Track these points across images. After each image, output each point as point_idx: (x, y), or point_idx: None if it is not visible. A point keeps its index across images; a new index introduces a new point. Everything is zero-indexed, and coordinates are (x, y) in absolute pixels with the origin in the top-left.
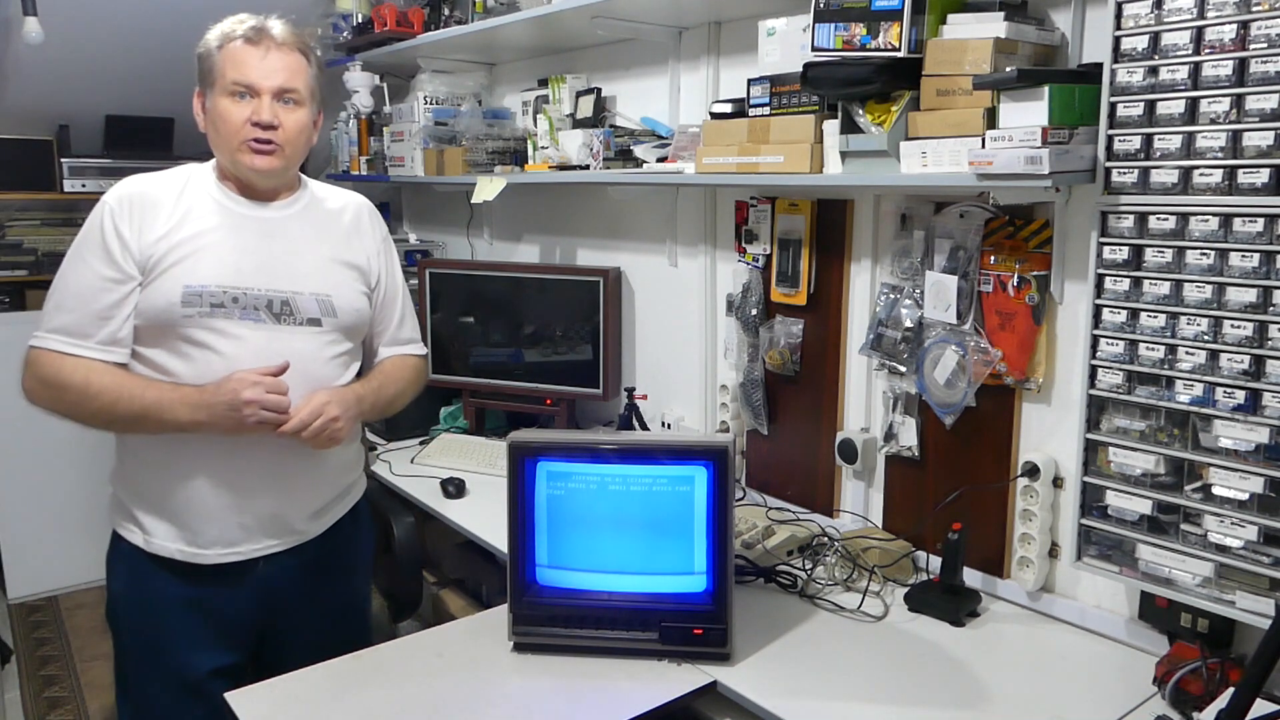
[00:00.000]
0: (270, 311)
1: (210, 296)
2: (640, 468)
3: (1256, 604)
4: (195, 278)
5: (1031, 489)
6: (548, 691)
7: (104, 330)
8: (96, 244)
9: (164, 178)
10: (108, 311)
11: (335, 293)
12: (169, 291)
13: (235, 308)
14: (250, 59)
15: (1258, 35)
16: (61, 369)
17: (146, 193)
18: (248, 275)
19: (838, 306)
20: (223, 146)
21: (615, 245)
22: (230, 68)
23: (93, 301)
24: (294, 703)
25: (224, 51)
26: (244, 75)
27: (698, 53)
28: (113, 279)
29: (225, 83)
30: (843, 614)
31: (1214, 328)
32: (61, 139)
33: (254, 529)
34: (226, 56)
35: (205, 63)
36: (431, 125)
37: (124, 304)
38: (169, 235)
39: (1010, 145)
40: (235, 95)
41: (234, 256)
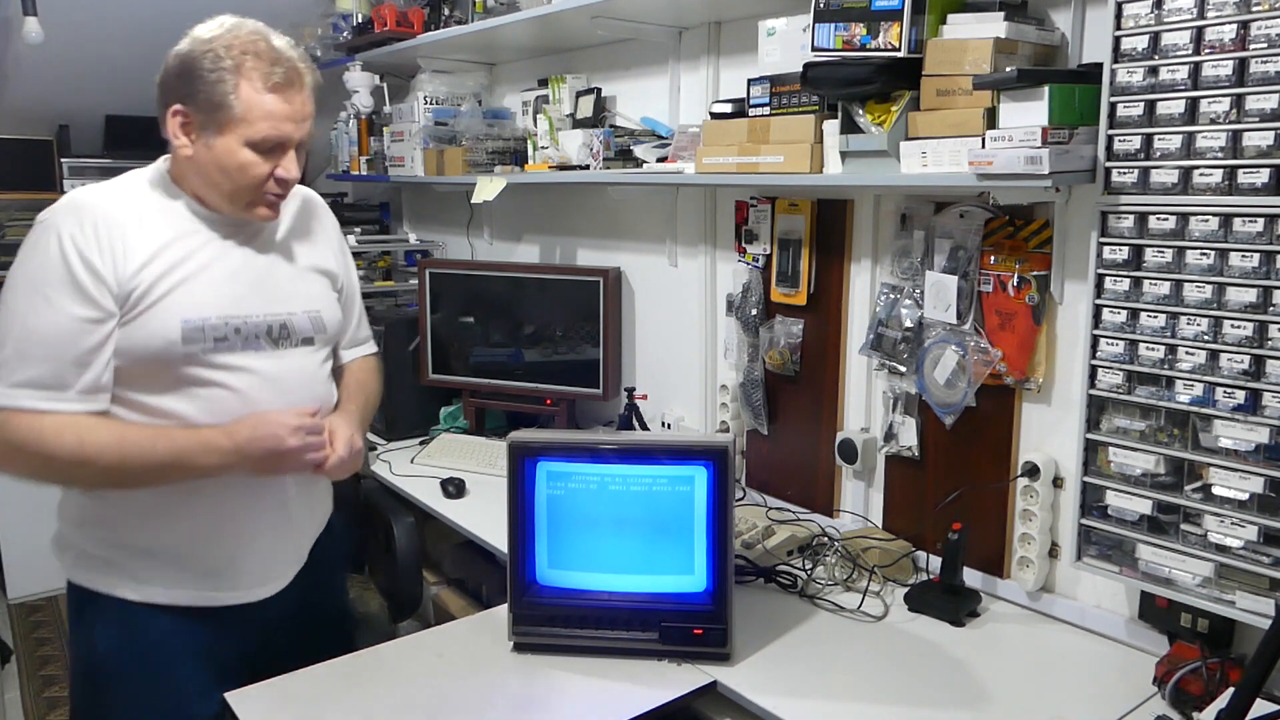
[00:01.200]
0: (270, 338)
1: (213, 330)
2: (640, 468)
3: (1256, 604)
4: (193, 310)
5: (1031, 489)
6: (548, 691)
7: (84, 378)
8: (62, 279)
9: (117, 193)
10: (87, 356)
11: (323, 307)
12: (164, 328)
13: (238, 339)
14: (284, 109)
15: (1258, 35)
16: (42, 432)
17: (108, 212)
18: (245, 302)
19: (838, 306)
20: (227, 194)
21: (615, 245)
22: (262, 119)
23: (68, 347)
24: (294, 703)
25: (252, 95)
26: (280, 130)
27: (698, 53)
28: (90, 319)
29: (252, 134)
30: (843, 614)
31: (1214, 328)
32: (61, 139)
33: (270, 565)
34: (255, 103)
35: (213, 93)
36: (431, 125)
37: (105, 346)
38: (152, 262)
39: (1010, 145)
40: (262, 150)
41: (228, 282)
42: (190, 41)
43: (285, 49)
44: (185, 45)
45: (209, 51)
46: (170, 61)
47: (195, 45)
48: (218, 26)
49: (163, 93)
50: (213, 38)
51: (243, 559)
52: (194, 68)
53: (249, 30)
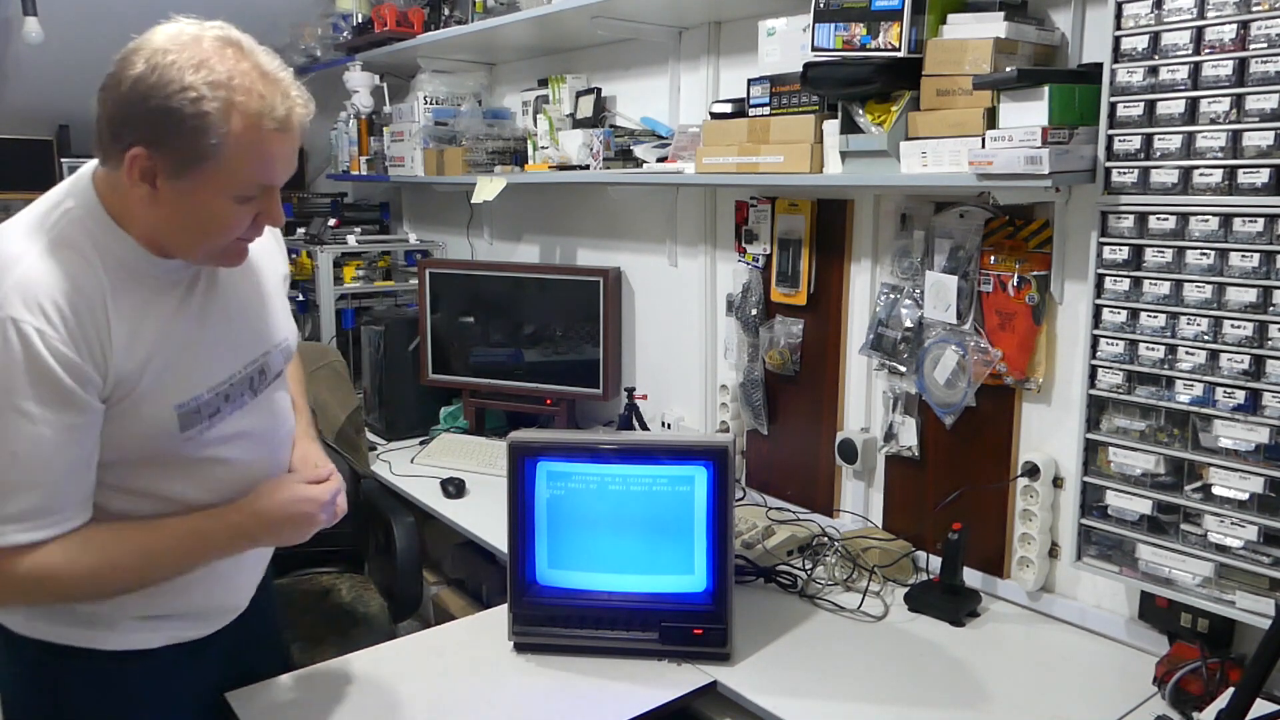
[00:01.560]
0: (251, 389)
1: (206, 407)
2: (640, 468)
3: (1256, 604)
4: (184, 392)
5: (1031, 489)
6: (548, 691)
7: (79, 490)
8: (39, 386)
9: (66, 256)
10: (79, 467)
11: (290, 331)
12: (157, 417)
13: (228, 405)
14: (280, 152)
15: (1258, 35)
16: (51, 567)
17: (69, 290)
18: (227, 361)
19: (838, 306)
20: (193, 246)
21: (615, 245)
22: (255, 168)
23: (59, 463)
24: (294, 703)
25: (241, 145)
26: (271, 176)
27: (698, 53)
28: (79, 425)
29: (239, 187)
30: (843, 614)
31: (1214, 328)
32: (61, 139)
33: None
34: (247, 152)
35: (193, 143)
36: (431, 125)
37: (95, 448)
38: (133, 344)
39: (1010, 145)
40: (247, 199)
41: (210, 347)
42: (155, 68)
43: (278, 72)
44: (146, 70)
45: (187, 89)
46: (127, 90)
47: (166, 78)
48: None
49: (114, 125)
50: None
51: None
52: (167, 109)
53: (232, 53)
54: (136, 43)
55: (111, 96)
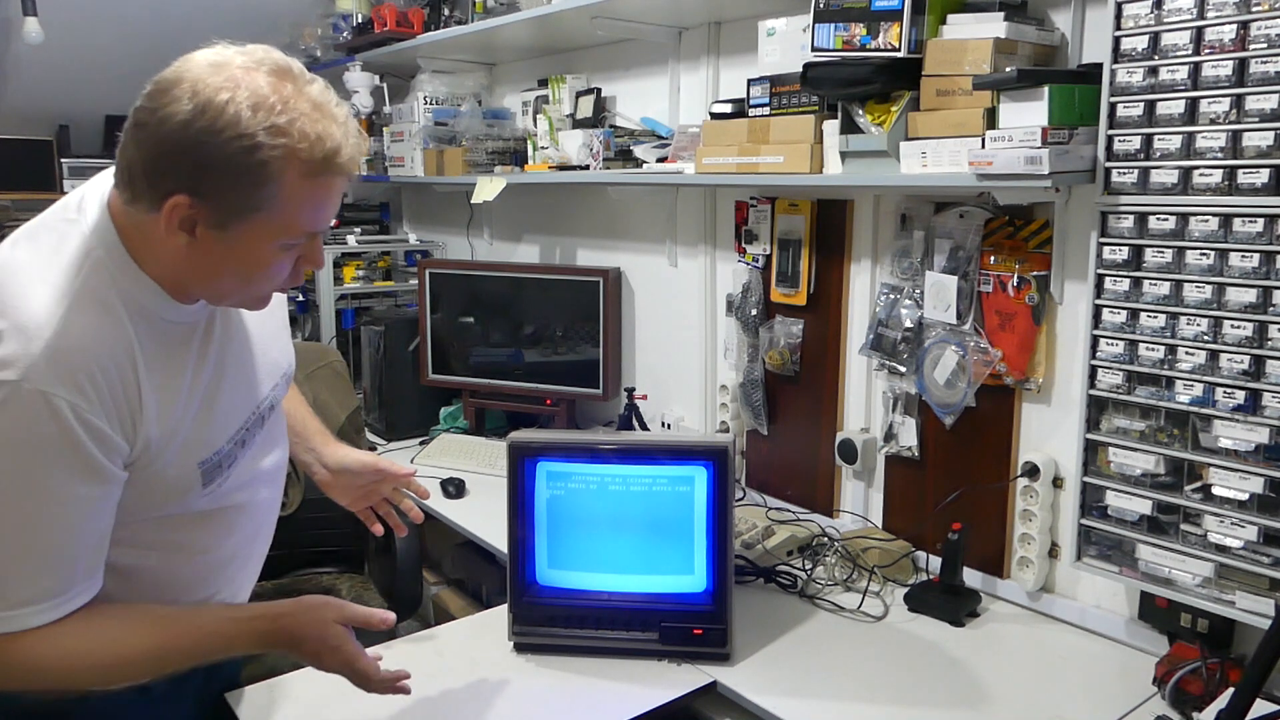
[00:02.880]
0: (259, 425)
1: (226, 459)
2: (640, 468)
3: (1256, 604)
4: (207, 448)
5: (1031, 489)
6: (548, 691)
7: (96, 560)
8: (66, 459)
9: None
10: (100, 539)
11: (291, 357)
12: (181, 477)
13: (242, 450)
14: (335, 196)
15: (1258, 35)
16: (71, 658)
17: (101, 358)
18: (242, 406)
19: (838, 306)
20: (226, 291)
21: (615, 245)
22: (308, 213)
23: (81, 537)
24: (294, 703)
25: (294, 191)
26: (322, 222)
27: (698, 53)
28: (103, 497)
29: (288, 235)
30: (843, 614)
31: (1214, 328)
32: (61, 139)
33: None
34: (299, 198)
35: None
36: (431, 125)
37: (113, 517)
38: (162, 412)
39: (1010, 145)
40: (293, 246)
41: (228, 397)
42: (205, 109)
43: (333, 107)
44: (195, 111)
45: (243, 137)
46: (172, 132)
47: (219, 122)
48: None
49: (153, 168)
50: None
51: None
52: (221, 158)
53: (290, 89)
54: (175, 72)
55: (150, 136)
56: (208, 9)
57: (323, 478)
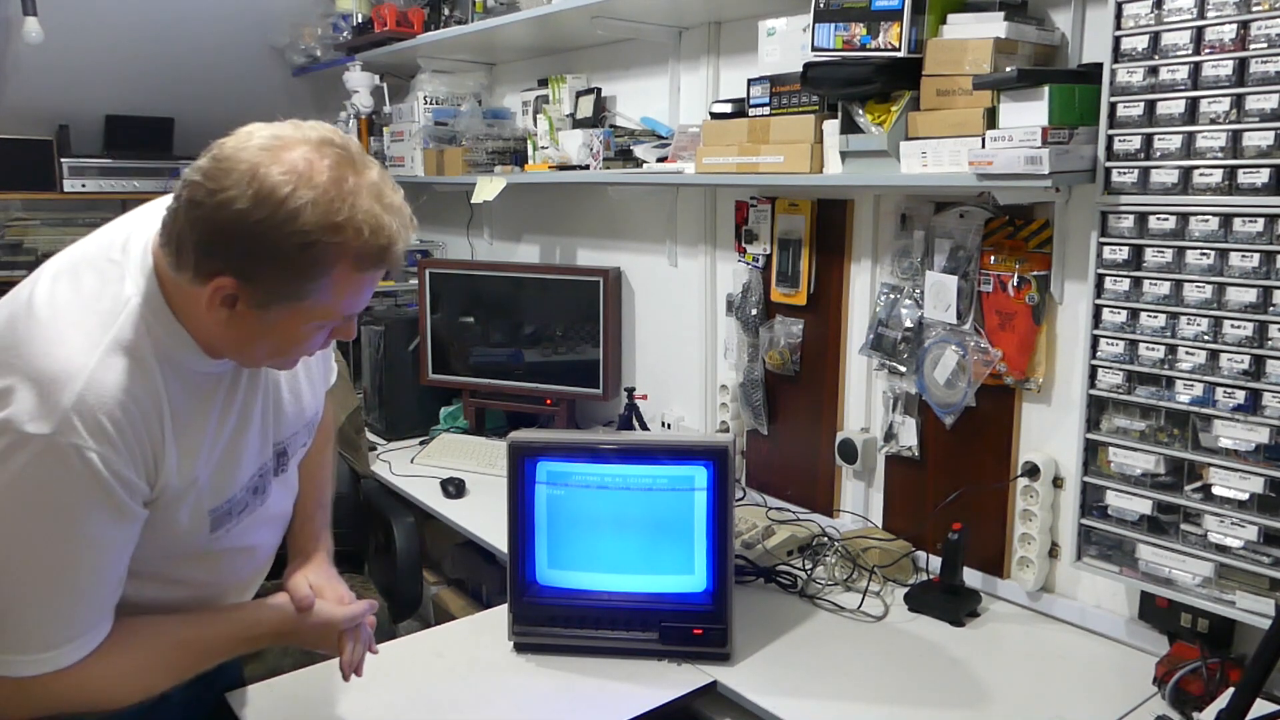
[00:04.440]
0: (274, 473)
1: (237, 505)
2: (640, 468)
3: (1256, 604)
4: (219, 495)
5: (1031, 489)
6: (548, 691)
7: (116, 594)
8: (97, 508)
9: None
10: (121, 575)
11: (320, 403)
12: (193, 524)
13: (256, 498)
14: (375, 283)
15: (1258, 35)
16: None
17: (130, 410)
18: (258, 454)
19: (838, 306)
20: (256, 357)
21: (615, 245)
22: (353, 295)
23: (111, 577)
24: (294, 703)
25: (341, 282)
26: (361, 305)
27: (698, 53)
28: (129, 538)
29: (329, 310)
30: (843, 614)
31: (1214, 328)
32: (61, 139)
33: None
34: (345, 289)
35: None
36: (431, 125)
37: (130, 554)
38: (183, 461)
39: (1010, 145)
40: (328, 324)
41: (248, 446)
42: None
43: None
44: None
45: (299, 232)
46: (227, 217)
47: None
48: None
49: (203, 247)
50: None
51: None
52: (273, 249)
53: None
54: (234, 150)
55: (205, 218)
56: (208, 9)
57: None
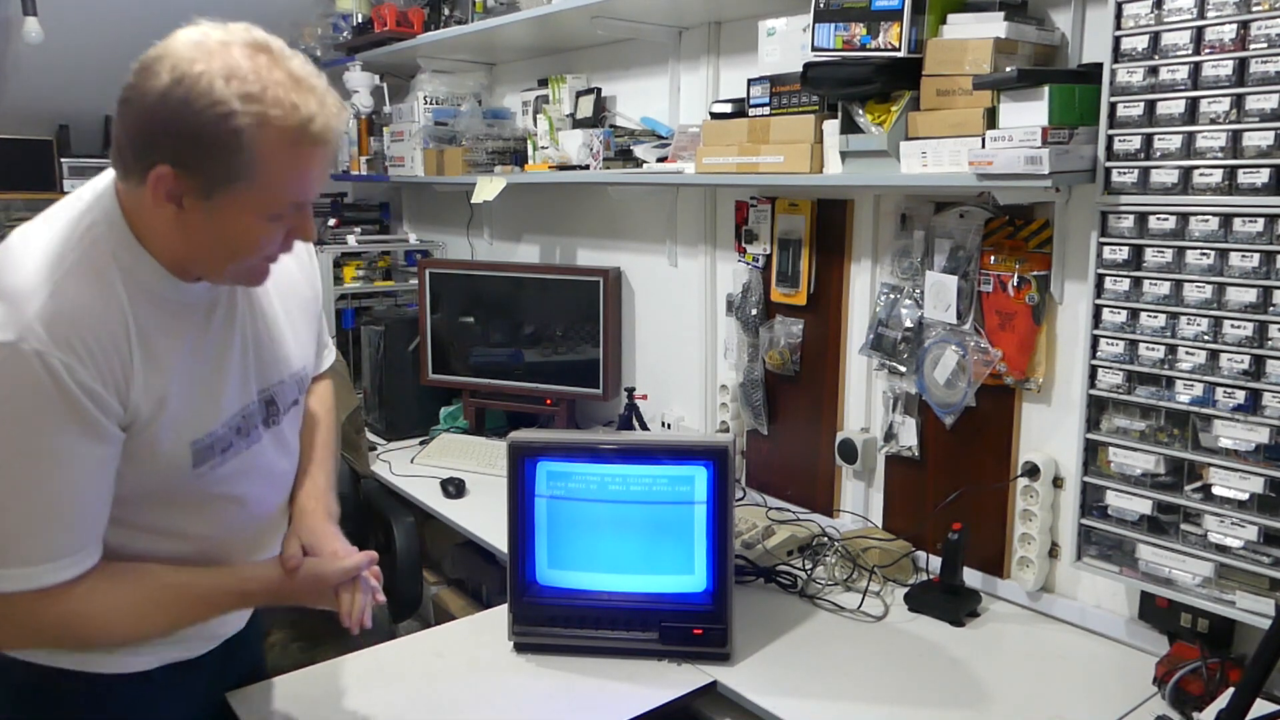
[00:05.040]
0: (263, 420)
1: (219, 441)
2: (640, 468)
3: (1256, 604)
4: (200, 426)
5: (1031, 489)
6: (548, 691)
7: (101, 523)
8: (68, 420)
9: (89, 283)
10: (105, 501)
11: (307, 361)
12: (172, 453)
13: (241, 439)
14: (317, 166)
15: (1258, 35)
16: (86, 621)
17: (89, 319)
18: (239, 392)
19: (838, 306)
20: (220, 266)
21: (615, 245)
22: (292, 185)
23: (91, 497)
24: (294, 703)
25: (275, 162)
26: (306, 192)
27: (698, 53)
28: (104, 457)
29: (273, 206)
30: (843, 614)
31: (1214, 328)
32: (61, 139)
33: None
34: (282, 169)
35: (224, 162)
36: (431, 125)
37: (113, 482)
38: (152, 381)
39: (1010, 145)
40: (279, 217)
41: (225, 378)
42: (181, 80)
43: (312, 79)
44: (172, 83)
45: (217, 104)
46: (152, 105)
47: (195, 91)
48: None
49: (138, 142)
50: (217, 80)
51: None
52: (196, 126)
53: (265, 60)
54: (158, 50)
55: (133, 111)
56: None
57: None
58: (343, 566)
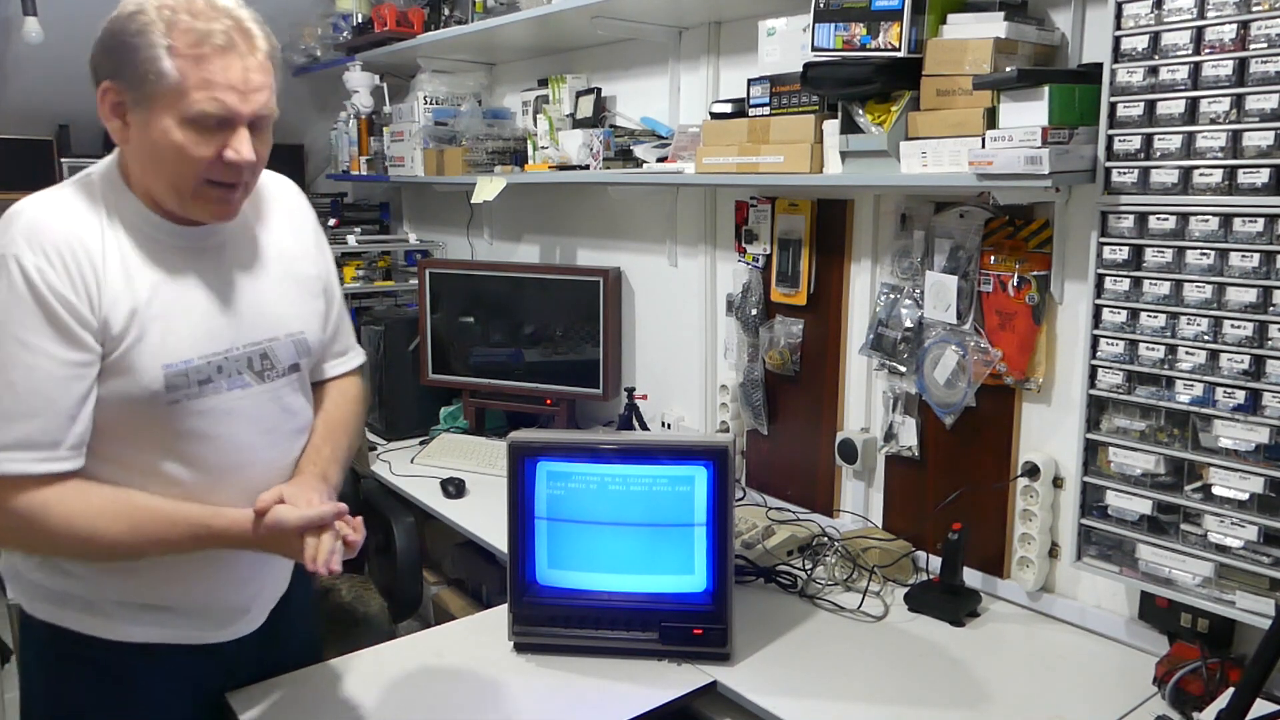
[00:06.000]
0: (253, 370)
1: (196, 373)
2: (640, 468)
3: (1256, 604)
4: (174, 352)
5: (1031, 489)
6: (548, 691)
7: (74, 431)
8: (36, 318)
9: (71, 207)
10: (78, 407)
11: (308, 327)
12: (145, 376)
13: (221, 378)
14: (226, 76)
15: (1258, 35)
16: (48, 515)
17: (66, 233)
18: (224, 334)
19: (838, 306)
20: (168, 184)
21: (615, 245)
22: (199, 89)
23: (58, 397)
24: (294, 703)
25: (184, 60)
26: (220, 103)
27: (698, 53)
28: (79, 362)
29: (187, 108)
30: (843, 614)
31: (1214, 328)
32: (61, 139)
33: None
34: (190, 70)
35: (141, 63)
36: (431, 125)
37: (91, 394)
38: (124, 295)
39: (1010, 145)
40: (202, 127)
41: (204, 314)
42: (120, 6)
43: (227, 4)
44: (114, 11)
45: (136, 13)
46: (99, 33)
47: (123, 9)
48: None
49: (93, 70)
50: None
51: (226, 598)
52: (120, 36)
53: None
54: None
55: (92, 46)
56: None
57: None
58: (303, 514)
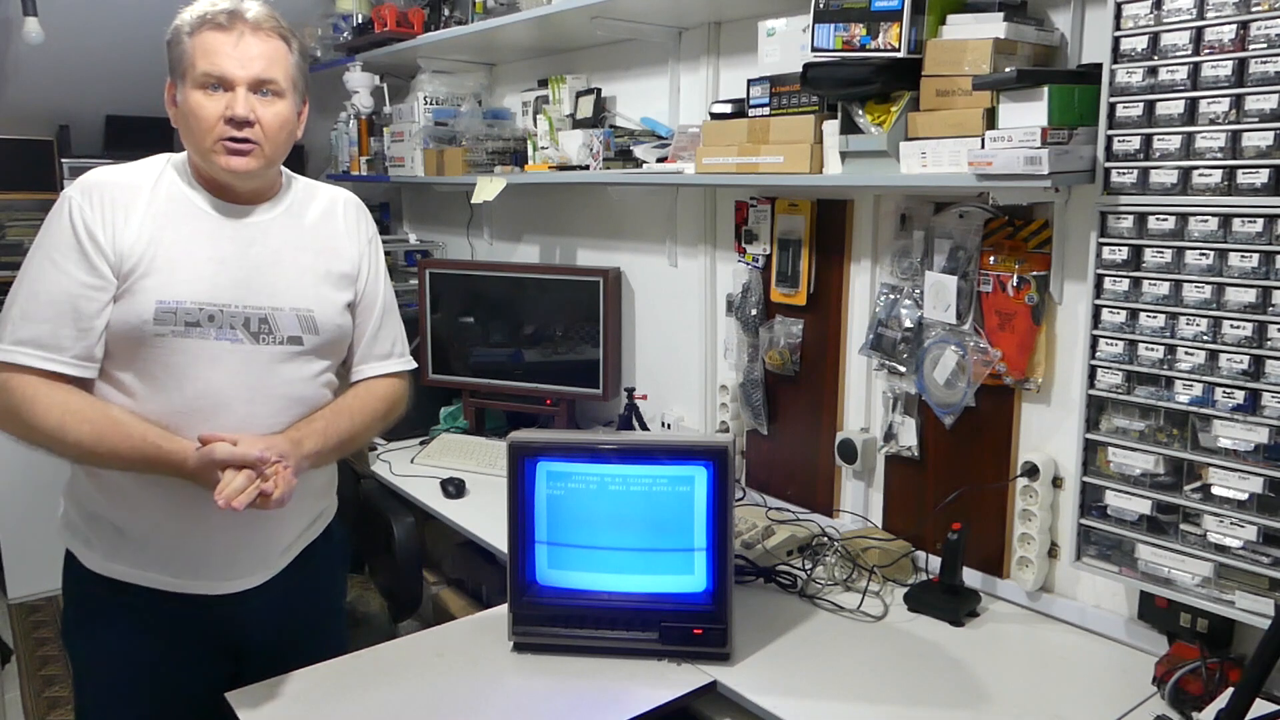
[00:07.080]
0: (248, 330)
1: (185, 314)
2: (640, 468)
3: (1256, 604)
4: (169, 292)
5: (1031, 489)
6: (548, 691)
7: (81, 345)
8: (68, 245)
9: (135, 169)
10: (85, 322)
11: (317, 307)
12: (140, 307)
13: (211, 326)
14: (223, 46)
15: (1258, 35)
16: (34, 401)
17: (115, 184)
18: (225, 290)
19: (838, 306)
20: (195, 145)
21: (615, 245)
22: (201, 57)
23: (69, 310)
24: (294, 703)
25: (195, 39)
26: (216, 65)
27: (698, 53)
28: (93, 285)
29: (196, 74)
30: (843, 614)
31: (1213, 328)
32: (61, 139)
33: (235, 559)
34: (197, 44)
35: (175, 50)
36: (431, 125)
37: (101, 315)
38: (141, 239)
39: (1010, 145)
40: (207, 88)
41: (210, 269)
42: None
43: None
44: None
45: (178, 22)
46: None
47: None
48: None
49: None
50: (188, 9)
51: (204, 550)
52: (170, 38)
53: None
54: None
55: None
56: None
57: None
58: (231, 451)
